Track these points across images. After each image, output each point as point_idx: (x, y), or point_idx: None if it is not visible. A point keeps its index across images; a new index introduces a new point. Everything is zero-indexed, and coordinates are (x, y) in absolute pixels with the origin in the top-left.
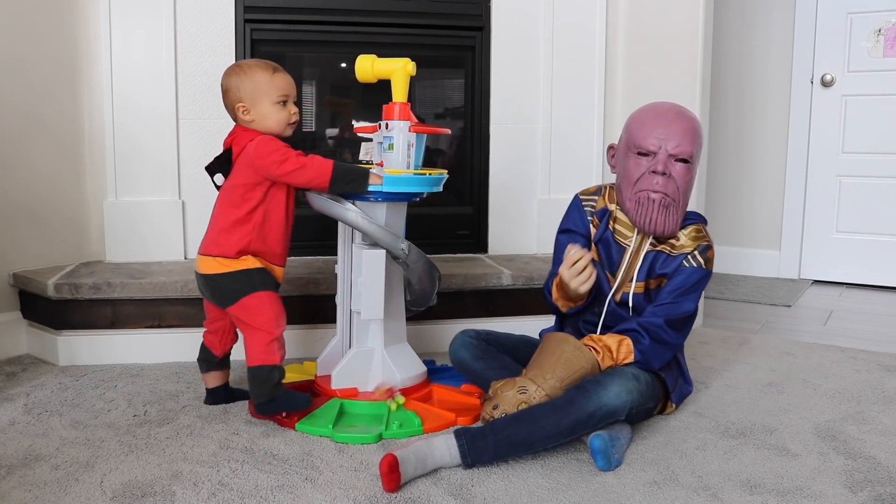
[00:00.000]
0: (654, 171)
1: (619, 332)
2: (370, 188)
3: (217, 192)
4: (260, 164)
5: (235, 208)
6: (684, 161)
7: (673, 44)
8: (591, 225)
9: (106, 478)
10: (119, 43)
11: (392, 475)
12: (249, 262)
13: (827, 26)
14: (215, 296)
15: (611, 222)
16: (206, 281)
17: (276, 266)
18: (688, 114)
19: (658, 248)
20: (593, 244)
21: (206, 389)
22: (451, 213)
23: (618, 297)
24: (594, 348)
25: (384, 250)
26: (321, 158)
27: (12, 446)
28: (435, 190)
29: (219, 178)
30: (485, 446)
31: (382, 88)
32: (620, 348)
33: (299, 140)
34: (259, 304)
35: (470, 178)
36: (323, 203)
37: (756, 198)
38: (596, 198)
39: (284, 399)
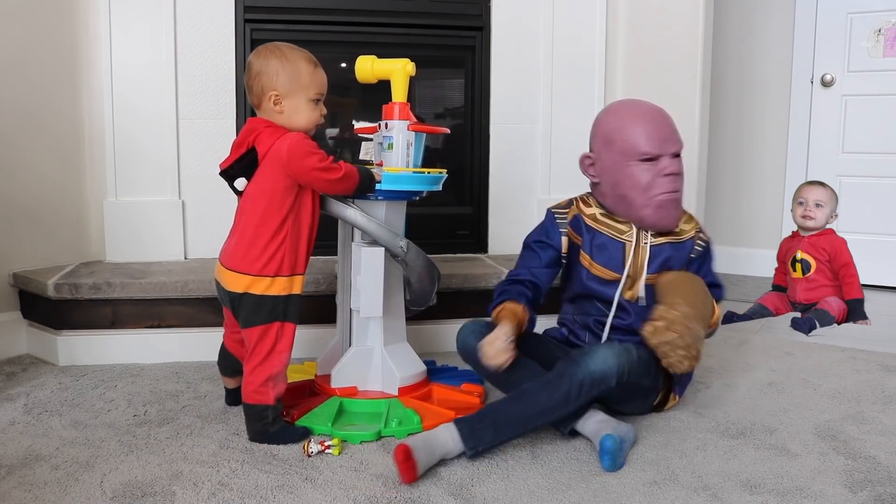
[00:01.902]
0: (668, 174)
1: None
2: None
3: (237, 198)
4: (296, 167)
5: (267, 217)
6: (678, 154)
7: (673, 44)
8: (563, 238)
9: (106, 478)
10: (119, 43)
11: (408, 463)
12: (282, 286)
13: (827, 26)
14: (236, 313)
15: (593, 223)
16: (230, 297)
17: (302, 275)
18: (660, 108)
19: (663, 241)
20: (584, 253)
21: (227, 390)
22: (451, 213)
23: (629, 295)
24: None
25: (383, 248)
26: (348, 165)
27: (12, 446)
28: (434, 188)
29: (240, 182)
30: (483, 428)
31: (383, 88)
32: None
33: None
34: (274, 337)
35: (470, 178)
36: (322, 201)
37: (756, 198)
38: (566, 210)
39: (279, 435)
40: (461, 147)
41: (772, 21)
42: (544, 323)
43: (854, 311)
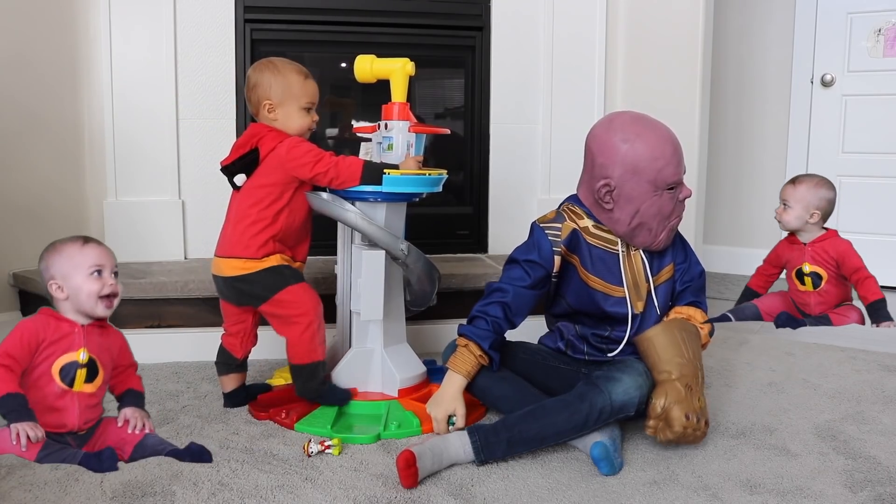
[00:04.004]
0: (683, 199)
1: (685, 305)
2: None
3: (232, 193)
4: (293, 166)
5: (261, 209)
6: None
7: (673, 44)
8: (556, 258)
9: (106, 478)
10: (119, 43)
11: (409, 470)
12: (274, 260)
13: (827, 26)
14: (244, 297)
15: (588, 237)
16: (232, 283)
17: (297, 262)
18: (664, 124)
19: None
20: (583, 270)
21: (224, 394)
22: (451, 213)
23: (640, 308)
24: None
25: (384, 251)
26: (352, 158)
27: None
28: (435, 190)
29: (240, 178)
30: (497, 442)
31: (383, 88)
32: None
33: None
34: (295, 297)
35: (470, 178)
36: (322, 203)
37: (756, 198)
38: (559, 225)
39: (329, 393)
40: (461, 147)
41: (772, 21)
42: (542, 322)
43: (877, 313)
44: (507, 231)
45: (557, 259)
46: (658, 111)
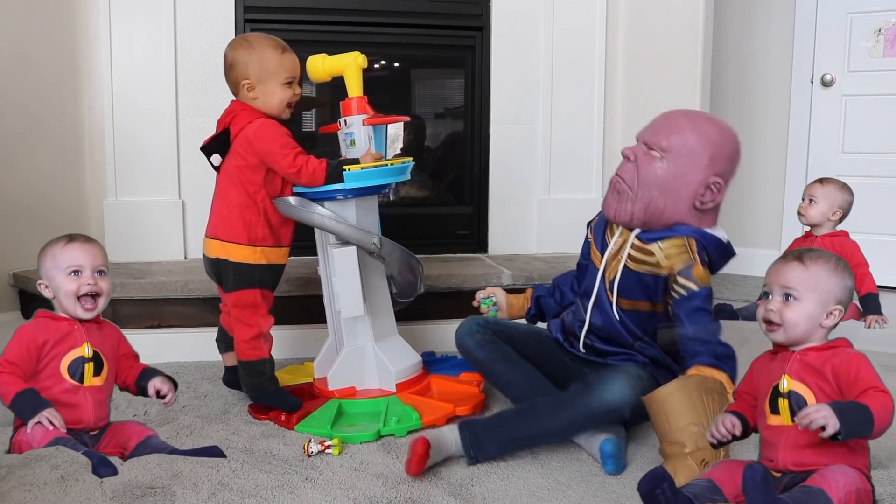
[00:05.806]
0: (623, 155)
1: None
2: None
3: (215, 173)
4: (259, 149)
5: (238, 191)
6: (654, 151)
7: (673, 44)
8: (588, 231)
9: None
10: (119, 43)
11: (423, 459)
12: (255, 256)
13: (827, 26)
14: (220, 279)
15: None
16: (213, 264)
17: (283, 247)
18: (688, 113)
19: (634, 268)
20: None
21: (226, 368)
22: (451, 213)
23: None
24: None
25: (355, 247)
26: (314, 161)
27: None
28: (401, 179)
29: (216, 158)
30: (487, 440)
31: (383, 86)
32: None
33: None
34: (252, 301)
35: (470, 179)
36: (289, 209)
37: (756, 198)
38: (600, 211)
39: (278, 395)
40: (461, 147)
41: (772, 21)
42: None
43: (867, 305)
44: (507, 231)
45: (588, 232)
46: (658, 111)
